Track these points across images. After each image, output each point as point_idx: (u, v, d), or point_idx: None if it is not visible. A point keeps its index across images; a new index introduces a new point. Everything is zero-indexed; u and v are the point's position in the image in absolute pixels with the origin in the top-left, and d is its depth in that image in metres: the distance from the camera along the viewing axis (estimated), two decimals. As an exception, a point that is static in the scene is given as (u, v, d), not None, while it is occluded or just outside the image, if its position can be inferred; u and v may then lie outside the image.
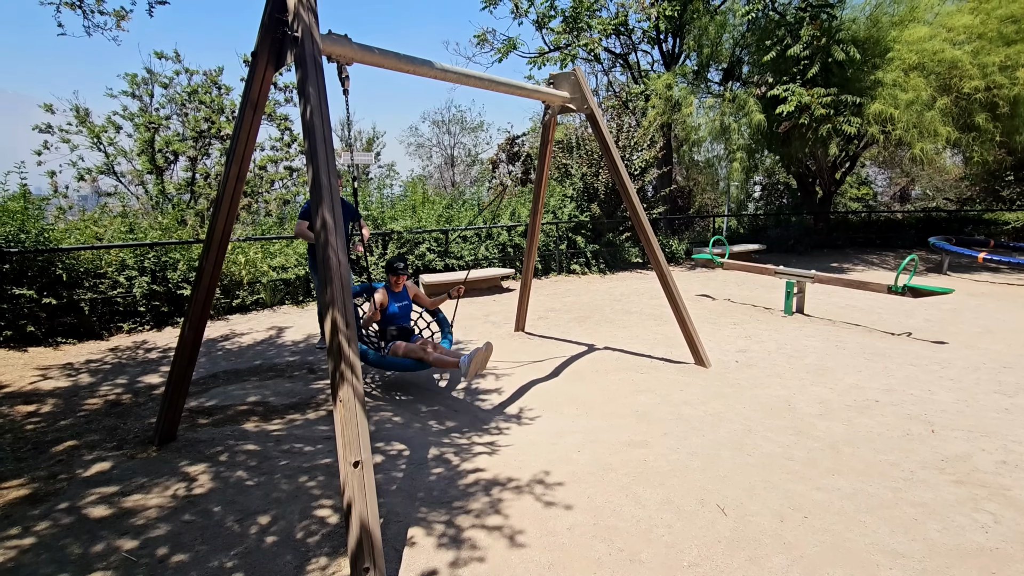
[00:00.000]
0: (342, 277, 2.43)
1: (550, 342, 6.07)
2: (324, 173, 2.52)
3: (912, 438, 3.63)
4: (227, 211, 3.19)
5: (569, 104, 4.94)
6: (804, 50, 10.14)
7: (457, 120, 32.19)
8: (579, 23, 13.40)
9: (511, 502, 2.89)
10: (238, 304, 6.98)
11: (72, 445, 3.49)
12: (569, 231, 10.92)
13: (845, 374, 4.90)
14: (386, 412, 4.20)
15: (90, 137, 15.01)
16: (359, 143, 30.90)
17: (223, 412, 4.08)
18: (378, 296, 4.52)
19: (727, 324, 6.78)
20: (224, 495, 2.95)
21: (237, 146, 3.10)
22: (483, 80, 4.05)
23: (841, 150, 13.07)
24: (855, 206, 19.90)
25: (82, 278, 5.93)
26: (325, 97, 2.66)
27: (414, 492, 3.02)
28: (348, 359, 2.35)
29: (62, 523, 2.68)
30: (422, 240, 8.94)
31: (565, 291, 9.12)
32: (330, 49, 3.04)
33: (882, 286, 6.44)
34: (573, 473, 3.17)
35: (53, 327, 5.65)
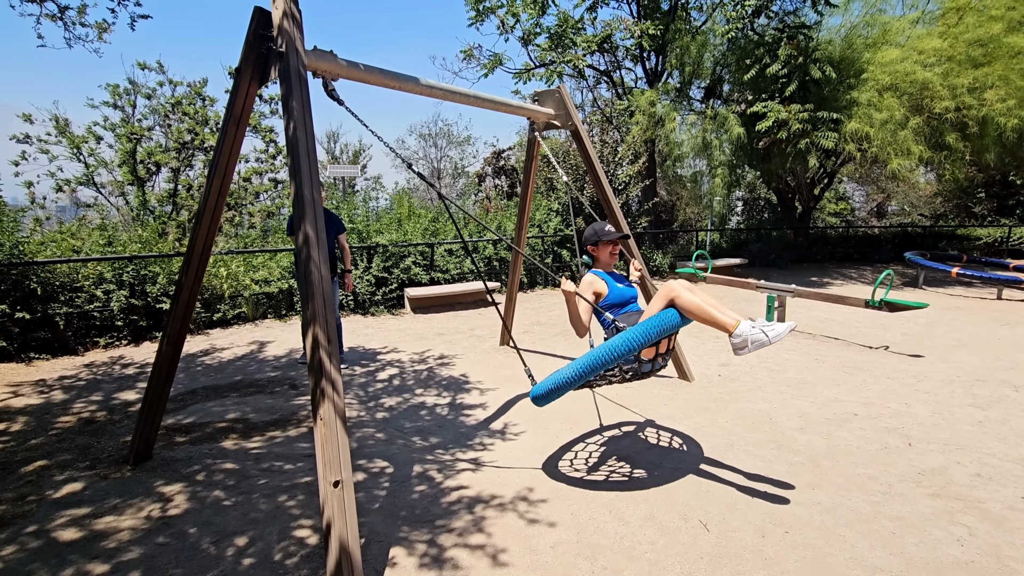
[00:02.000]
0: (324, 292, 2.42)
1: (535, 356, 6.06)
2: (307, 188, 2.52)
3: (890, 451, 3.68)
4: (208, 225, 3.16)
5: (554, 121, 5.00)
6: (782, 68, 10.41)
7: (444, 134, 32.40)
8: (564, 40, 13.62)
9: (494, 520, 2.87)
10: (219, 318, 6.87)
11: (42, 465, 3.39)
12: (555, 244, 10.98)
13: (825, 387, 4.97)
14: (369, 428, 4.15)
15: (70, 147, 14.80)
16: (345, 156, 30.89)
17: (201, 429, 3.99)
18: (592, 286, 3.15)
19: (709, 338, 6.84)
20: (200, 516, 2.88)
21: (220, 160, 3.08)
22: (468, 97, 4.08)
23: (819, 166, 13.39)
24: (833, 221, 20.35)
25: (58, 292, 5.80)
26: (309, 112, 2.66)
27: (396, 511, 2.98)
28: (329, 375, 2.32)
29: (29, 547, 2.59)
30: (407, 254, 8.92)
31: (550, 305, 9.14)
32: (315, 65, 3.05)
33: (860, 300, 6.57)
34: (557, 490, 3.16)
35: (26, 342, 5.51)
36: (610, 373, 2.95)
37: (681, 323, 2.77)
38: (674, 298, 2.77)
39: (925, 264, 10.89)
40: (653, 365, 2.98)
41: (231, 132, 3.04)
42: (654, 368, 2.99)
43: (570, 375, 2.71)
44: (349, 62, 3.23)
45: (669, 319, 2.69)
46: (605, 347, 2.64)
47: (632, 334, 2.61)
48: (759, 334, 2.62)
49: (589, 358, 2.66)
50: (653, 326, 2.64)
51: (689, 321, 2.84)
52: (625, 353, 2.61)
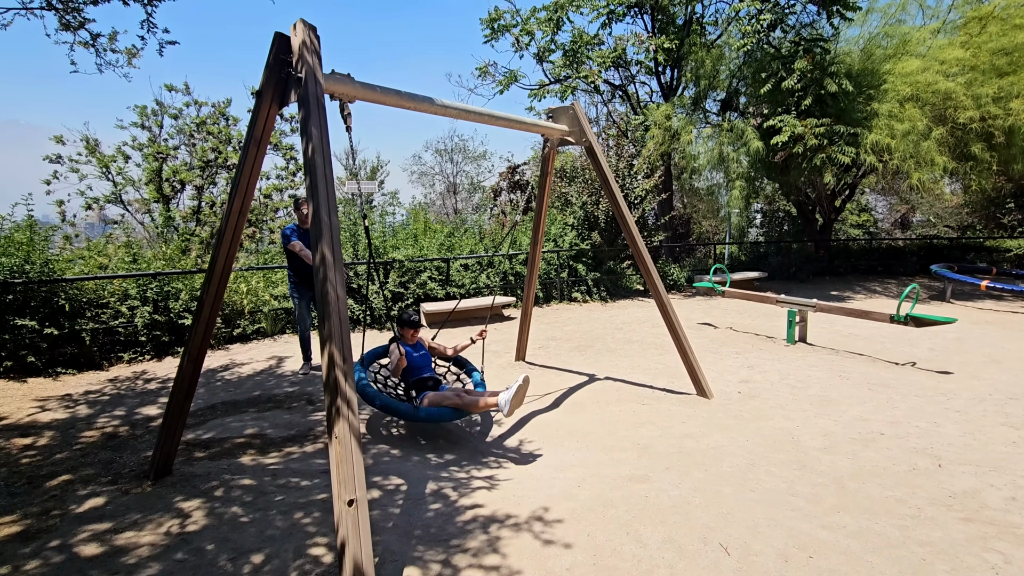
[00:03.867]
0: (340, 312, 2.45)
1: (551, 372, 6.03)
2: (325, 210, 2.56)
3: (918, 473, 3.57)
4: (229, 244, 3.23)
5: (568, 137, 5.02)
6: (798, 83, 10.34)
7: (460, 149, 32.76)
8: (579, 56, 13.73)
9: (509, 540, 2.84)
10: (239, 333, 6.98)
11: (66, 480, 3.46)
12: (570, 259, 10.97)
13: (849, 406, 4.84)
14: (384, 445, 4.16)
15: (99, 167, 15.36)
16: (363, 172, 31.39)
17: (220, 445, 4.04)
18: (397, 355, 4.40)
19: (729, 353, 6.74)
20: (218, 532, 2.90)
21: (240, 180, 3.16)
22: (483, 115, 4.13)
23: (838, 178, 13.20)
24: (856, 233, 19.98)
25: (84, 308, 5.96)
26: (327, 136, 2.72)
27: (411, 529, 2.97)
28: (345, 394, 2.34)
29: (52, 562, 2.63)
30: (423, 268, 8.98)
31: (566, 319, 9.11)
32: (333, 88, 3.12)
33: (884, 315, 6.42)
34: (573, 510, 3.12)
35: (54, 357, 5.66)
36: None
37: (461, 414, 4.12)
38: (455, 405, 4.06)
39: (952, 277, 10.61)
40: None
41: (251, 153, 3.11)
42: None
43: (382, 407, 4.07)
44: (365, 84, 3.29)
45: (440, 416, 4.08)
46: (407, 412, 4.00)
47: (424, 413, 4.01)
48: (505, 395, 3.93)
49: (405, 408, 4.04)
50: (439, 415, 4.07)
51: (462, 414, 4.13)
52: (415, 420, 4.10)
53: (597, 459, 3.82)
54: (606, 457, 3.85)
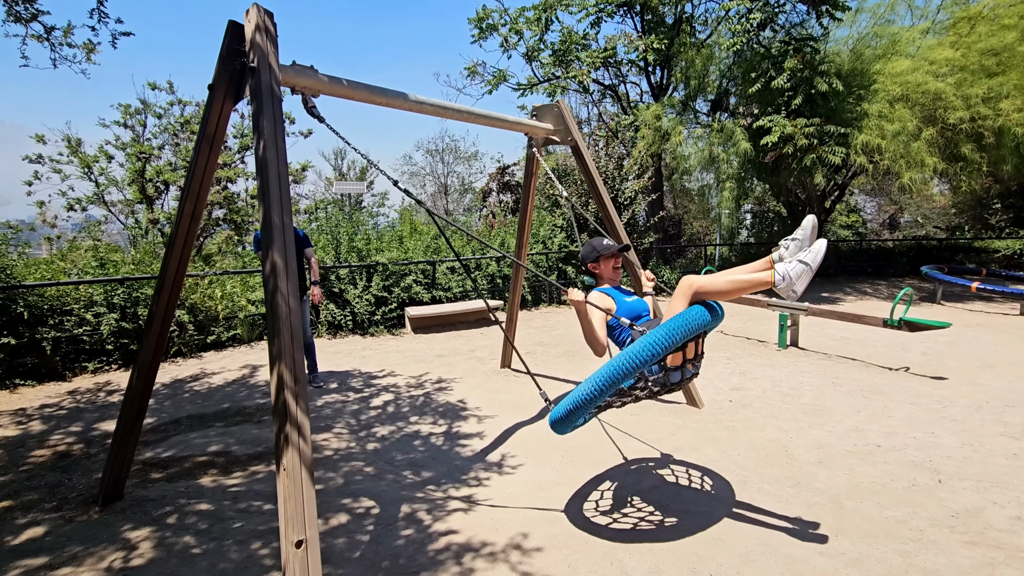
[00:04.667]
0: (291, 327, 2.21)
1: (538, 380, 5.81)
2: (276, 212, 2.32)
3: (918, 489, 3.39)
4: (180, 251, 2.98)
5: (553, 136, 4.81)
6: (788, 82, 10.21)
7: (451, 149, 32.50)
8: (568, 56, 13.55)
9: (483, 572, 2.62)
10: (213, 340, 6.71)
11: (6, 506, 3.19)
12: (559, 261, 10.77)
13: (844, 415, 4.67)
14: (358, 462, 3.92)
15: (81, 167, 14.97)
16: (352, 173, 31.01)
17: (179, 464, 3.78)
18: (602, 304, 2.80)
19: (720, 359, 6.56)
20: (165, 567, 2.65)
21: (192, 183, 2.91)
22: (461, 112, 3.91)
23: (829, 179, 13.12)
24: (846, 234, 19.97)
25: (46, 315, 5.66)
26: (282, 131, 2.49)
27: (379, 560, 2.73)
28: (296, 420, 2.10)
29: (-25, 605, 2.38)
30: (408, 272, 8.74)
31: (555, 323, 8.90)
32: (294, 81, 2.88)
33: (877, 319, 6.26)
34: (554, 536, 2.90)
35: (12, 368, 5.36)
36: (636, 387, 2.55)
37: (710, 320, 2.43)
38: (697, 288, 2.48)
39: (943, 279, 10.53)
40: (683, 373, 2.61)
41: (204, 153, 2.87)
42: (684, 377, 2.63)
43: (590, 391, 2.34)
44: (331, 78, 3.06)
45: (695, 316, 2.34)
46: (626, 354, 2.27)
47: (656, 335, 2.26)
48: (796, 267, 2.37)
49: (610, 369, 2.30)
50: (678, 325, 2.29)
51: (719, 319, 2.55)
52: (650, 358, 2.25)
53: (582, 476, 3.61)
54: (592, 473, 3.63)
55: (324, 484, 3.56)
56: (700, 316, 2.35)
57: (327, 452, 4.05)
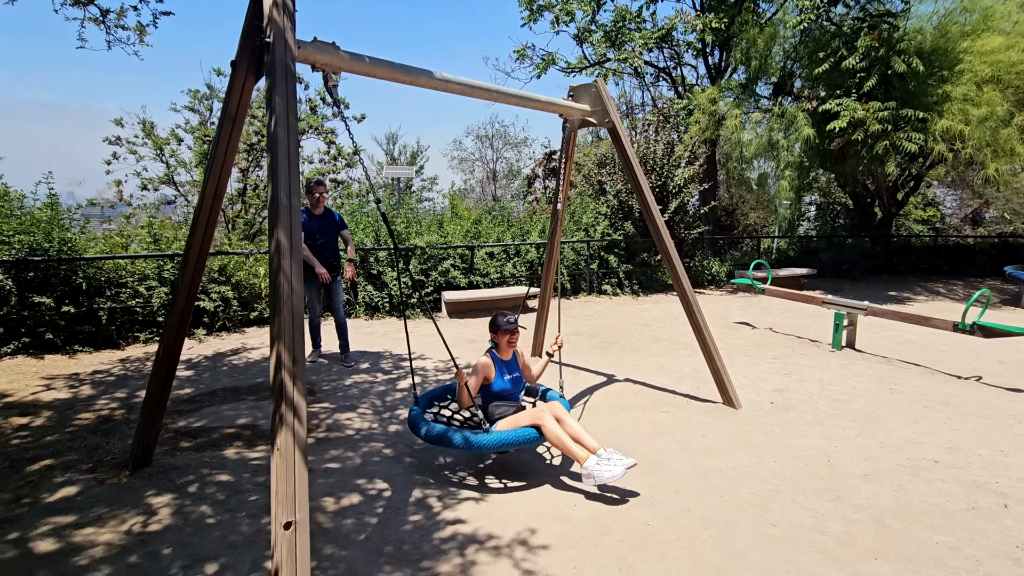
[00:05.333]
0: (292, 307, 2.17)
1: (568, 370, 5.66)
2: (284, 191, 2.28)
3: (979, 513, 3.04)
4: (204, 228, 3.02)
5: (590, 118, 4.60)
6: (860, 62, 9.42)
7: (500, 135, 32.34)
8: (620, 36, 13.08)
9: (486, 566, 2.53)
10: (256, 316, 6.93)
11: (48, 465, 3.38)
12: (601, 249, 10.49)
13: (899, 425, 4.28)
14: (378, 443, 3.92)
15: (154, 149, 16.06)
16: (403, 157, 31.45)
17: (208, 435, 3.91)
18: (483, 370, 3.45)
19: (765, 357, 6.19)
20: (180, 535, 2.73)
21: (215, 162, 2.93)
22: (491, 92, 3.77)
23: (902, 168, 12.12)
24: (920, 229, 18.48)
25: (103, 287, 6.00)
26: (294, 108, 2.44)
27: (383, 544, 2.71)
28: (292, 401, 2.07)
29: (5, 557, 2.51)
30: (446, 256, 8.74)
31: (593, 313, 8.69)
32: (315, 57, 2.83)
33: (947, 322, 5.71)
34: (562, 534, 2.78)
35: (72, 335, 5.72)
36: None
37: (539, 440, 3.21)
38: (539, 424, 3.19)
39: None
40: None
41: (226, 131, 2.87)
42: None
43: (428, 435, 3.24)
44: (352, 54, 2.99)
45: (526, 436, 3.16)
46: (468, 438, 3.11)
47: (488, 440, 3.11)
48: (600, 470, 3.02)
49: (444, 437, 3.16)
50: (510, 439, 3.14)
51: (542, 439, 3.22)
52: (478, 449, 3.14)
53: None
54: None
55: (342, 464, 3.58)
56: (530, 437, 3.17)
57: (348, 432, 4.08)
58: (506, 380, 3.55)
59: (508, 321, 3.54)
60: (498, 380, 3.54)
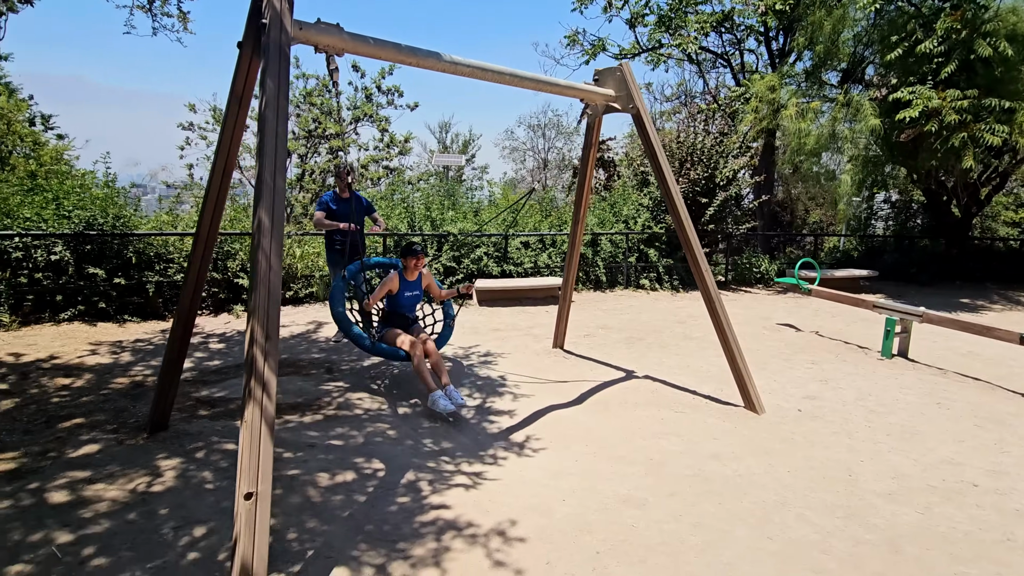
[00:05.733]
0: (270, 284, 2.21)
1: (587, 363, 5.55)
2: (269, 172, 2.32)
3: (1014, 546, 2.73)
4: (214, 207, 3.13)
5: (613, 103, 4.43)
6: (939, 46, 8.59)
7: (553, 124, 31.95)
8: (676, 20, 12.56)
9: (459, 554, 2.52)
10: (291, 296, 7.20)
11: (78, 423, 3.65)
12: (641, 242, 10.19)
13: (940, 443, 3.91)
14: (383, 424, 3.98)
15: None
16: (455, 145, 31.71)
17: (225, 405, 4.09)
18: (389, 283, 4.34)
19: (802, 362, 5.82)
20: (178, 497, 2.87)
21: (223, 140, 3.02)
22: (503, 75, 3.69)
23: (984, 164, 11.03)
24: (1009, 232, 16.81)
25: (153, 262, 6.40)
26: (286, 91, 2.46)
27: (365, 523, 2.74)
28: (262, 376, 2.11)
29: (21, 504, 2.73)
30: (480, 244, 8.74)
31: (626, 307, 8.46)
32: (316, 38, 2.86)
33: (1013, 334, 5.16)
34: (542, 529, 2.72)
35: (123, 305, 6.14)
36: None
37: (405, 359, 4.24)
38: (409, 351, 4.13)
39: None
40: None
41: (233, 112, 2.95)
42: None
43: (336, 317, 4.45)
44: (356, 36, 3.00)
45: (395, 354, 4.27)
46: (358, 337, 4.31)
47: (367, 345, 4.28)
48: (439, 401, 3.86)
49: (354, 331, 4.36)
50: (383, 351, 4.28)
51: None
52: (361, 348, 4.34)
53: (599, 470, 3.36)
54: (610, 469, 3.37)
55: (345, 441, 3.66)
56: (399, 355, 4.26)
57: (357, 411, 4.16)
58: (406, 296, 4.41)
59: (414, 249, 4.33)
60: (400, 294, 4.38)
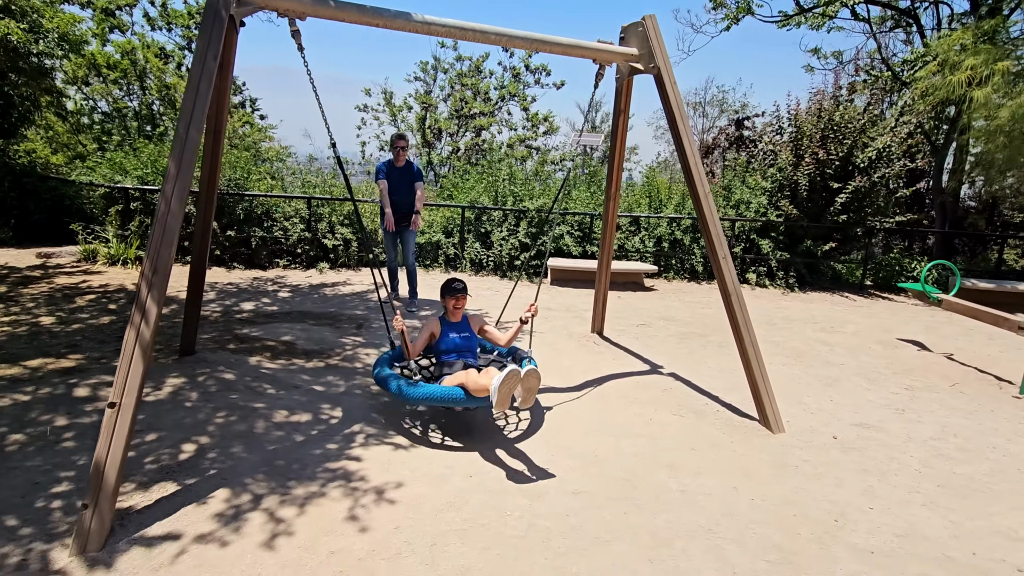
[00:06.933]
0: (166, 225, 2.47)
1: (616, 352, 5.17)
2: (184, 126, 2.58)
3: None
4: (209, 168, 3.56)
5: (635, 63, 3.98)
6: None
7: (718, 101, 29.40)
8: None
9: (327, 501, 2.60)
10: (372, 259, 7.83)
11: (138, 341, 4.48)
12: (754, 231, 8.99)
13: (1011, 509, 2.91)
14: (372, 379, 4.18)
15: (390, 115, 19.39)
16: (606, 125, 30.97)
17: (251, 343, 4.67)
18: (429, 327, 3.54)
19: (893, 386, 4.71)
20: (158, 409, 3.39)
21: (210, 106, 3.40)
22: (489, 35, 3.52)
23: None
24: None
25: (261, 219, 7.46)
26: (214, 53, 2.71)
27: (277, 459, 2.96)
28: (144, 305, 2.40)
29: (56, 393, 3.47)
30: (561, 221, 8.54)
31: (711, 301, 7.60)
32: (276, 4, 3.05)
33: None
34: (419, 497, 2.67)
35: (235, 255, 7.29)
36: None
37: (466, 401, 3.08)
38: (463, 384, 3.11)
39: None
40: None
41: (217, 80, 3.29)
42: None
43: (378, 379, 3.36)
44: (316, 0, 3.13)
45: (451, 395, 3.09)
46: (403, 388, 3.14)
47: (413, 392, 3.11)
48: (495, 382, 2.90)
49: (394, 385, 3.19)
50: (434, 395, 3.11)
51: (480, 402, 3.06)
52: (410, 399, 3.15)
53: (535, 457, 3.16)
54: (545, 458, 3.15)
55: (325, 388, 3.94)
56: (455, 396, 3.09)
57: (357, 364, 4.42)
58: (452, 338, 3.56)
59: (453, 287, 3.58)
60: (444, 338, 3.56)
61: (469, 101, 19.30)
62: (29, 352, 4.08)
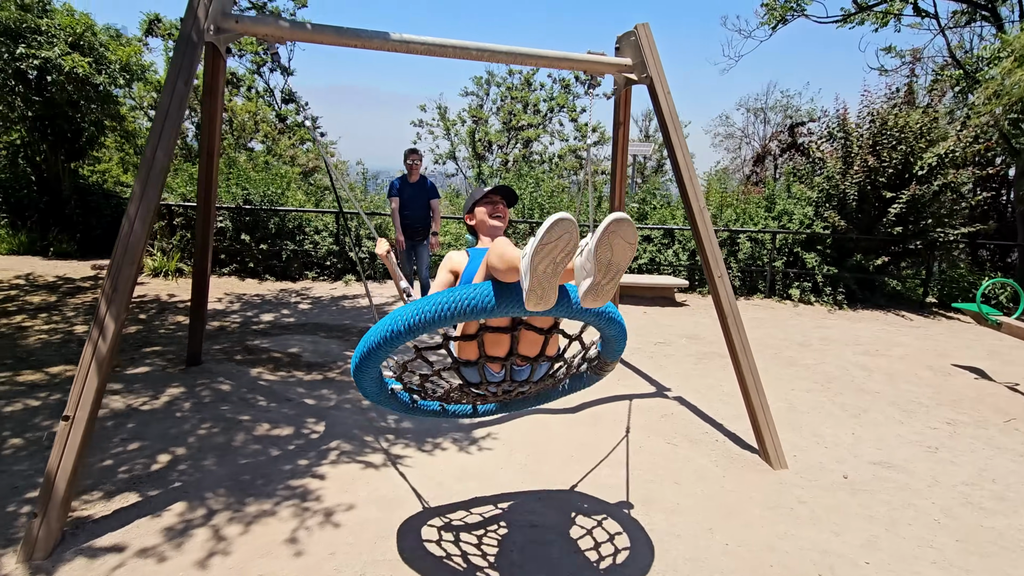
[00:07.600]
0: (128, 243, 2.57)
1: (622, 372, 4.94)
2: (151, 148, 2.68)
3: None
4: (206, 184, 3.71)
5: (629, 74, 3.80)
6: None
7: (781, 107, 28.06)
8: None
9: (274, 520, 2.59)
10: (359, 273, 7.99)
11: (154, 350, 4.73)
12: (799, 244, 8.42)
13: (1049, 577, 2.48)
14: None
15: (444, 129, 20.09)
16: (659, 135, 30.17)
17: (258, 355, 4.82)
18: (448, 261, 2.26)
19: (933, 419, 4.22)
20: (150, 417, 3.54)
21: (203, 128, 3.55)
22: (469, 51, 3.48)
23: None
24: None
25: (293, 233, 7.77)
26: (187, 77, 2.80)
27: (244, 474, 3.00)
28: (102, 321, 2.49)
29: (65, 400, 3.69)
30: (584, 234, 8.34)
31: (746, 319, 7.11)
32: (255, 29, 3.15)
33: None
34: (364, 523, 2.61)
35: (267, 267, 7.62)
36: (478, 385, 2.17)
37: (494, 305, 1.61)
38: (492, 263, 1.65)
39: None
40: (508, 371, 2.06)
41: (208, 103, 3.44)
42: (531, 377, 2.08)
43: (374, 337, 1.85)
44: (293, 23, 3.20)
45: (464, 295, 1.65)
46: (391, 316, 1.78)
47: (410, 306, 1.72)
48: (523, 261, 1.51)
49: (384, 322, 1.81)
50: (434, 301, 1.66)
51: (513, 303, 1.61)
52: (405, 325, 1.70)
53: (502, 481, 3.04)
54: (511, 479, 3.02)
55: (317, 401, 3.98)
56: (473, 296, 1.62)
57: (351, 378, 4.47)
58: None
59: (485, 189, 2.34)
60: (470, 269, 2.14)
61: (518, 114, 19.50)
62: (55, 359, 4.40)
